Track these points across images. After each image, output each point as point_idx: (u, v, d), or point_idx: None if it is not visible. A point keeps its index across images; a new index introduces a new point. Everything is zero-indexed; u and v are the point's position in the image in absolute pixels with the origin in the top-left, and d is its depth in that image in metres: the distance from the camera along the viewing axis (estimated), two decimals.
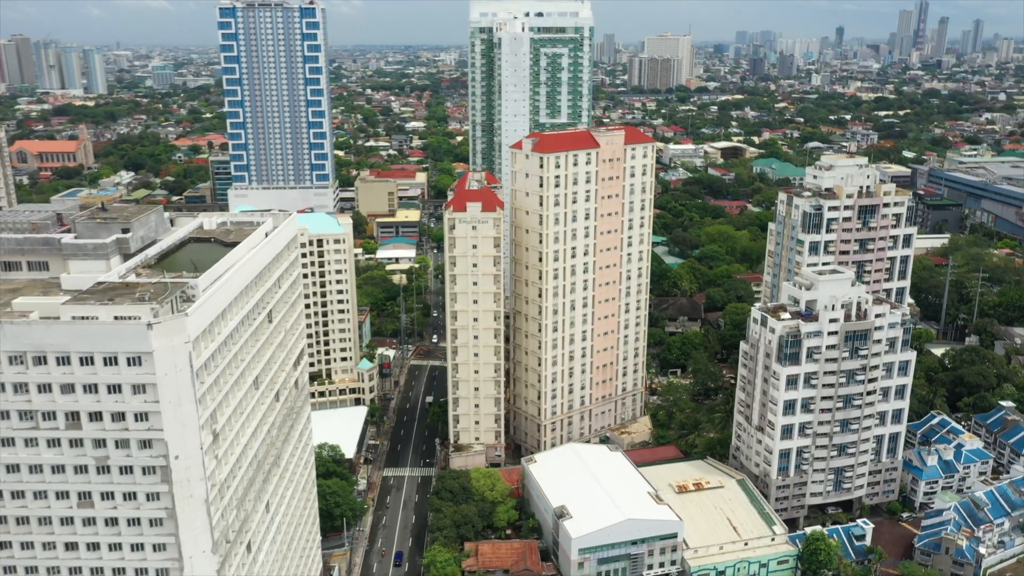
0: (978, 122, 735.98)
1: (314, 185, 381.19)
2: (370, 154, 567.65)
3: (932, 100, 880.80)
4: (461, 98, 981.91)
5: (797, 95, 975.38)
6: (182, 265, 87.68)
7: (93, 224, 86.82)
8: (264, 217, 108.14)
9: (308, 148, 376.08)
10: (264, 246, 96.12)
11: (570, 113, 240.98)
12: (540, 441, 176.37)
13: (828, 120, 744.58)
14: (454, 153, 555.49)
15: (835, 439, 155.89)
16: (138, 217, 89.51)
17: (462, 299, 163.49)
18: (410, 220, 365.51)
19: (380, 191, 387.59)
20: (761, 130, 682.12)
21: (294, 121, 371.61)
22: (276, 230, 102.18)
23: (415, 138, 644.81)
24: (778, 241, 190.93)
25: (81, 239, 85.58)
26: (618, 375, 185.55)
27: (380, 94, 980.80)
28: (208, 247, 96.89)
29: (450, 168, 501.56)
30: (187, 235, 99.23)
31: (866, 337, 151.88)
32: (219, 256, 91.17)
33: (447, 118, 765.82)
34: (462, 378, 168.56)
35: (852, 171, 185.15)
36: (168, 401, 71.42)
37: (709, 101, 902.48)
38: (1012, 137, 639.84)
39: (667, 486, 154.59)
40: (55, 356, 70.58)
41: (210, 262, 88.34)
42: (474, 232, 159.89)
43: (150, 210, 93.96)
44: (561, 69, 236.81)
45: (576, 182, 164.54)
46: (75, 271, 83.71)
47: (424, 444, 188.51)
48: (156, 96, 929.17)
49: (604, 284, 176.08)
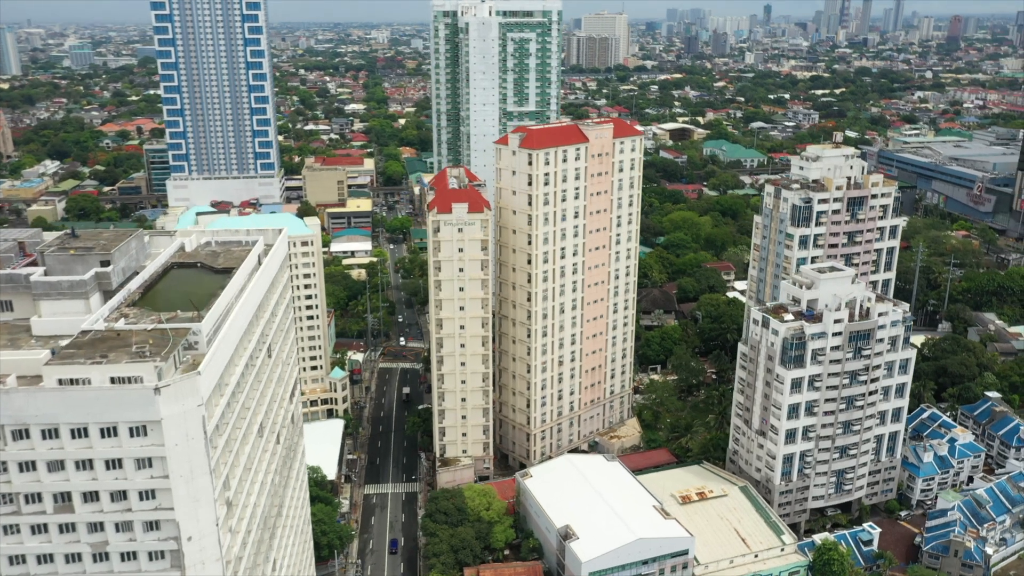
0: (911, 100, 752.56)
1: (259, 175, 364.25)
2: (311, 139, 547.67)
3: (864, 79, 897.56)
4: (398, 78, 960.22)
5: (734, 74, 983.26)
6: (173, 300, 75.97)
7: (66, 257, 74.22)
8: (253, 235, 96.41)
9: (251, 136, 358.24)
10: (261, 273, 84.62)
11: (538, 101, 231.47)
12: (529, 451, 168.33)
13: (768, 99, 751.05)
14: (399, 137, 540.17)
15: (837, 441, 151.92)
16: (118, 246, 77.17)
17: (448, 306, 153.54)
18: (362, 210, 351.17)
19: (329, 180, 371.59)
20: (704, 110, 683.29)
21: (236, 107, 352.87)
22: (271, 252, 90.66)
23: (356, 121, 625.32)
24: (764, 235, 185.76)
25: (54, 275, 73.03)
26: (606, 378, 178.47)
27: (314, 74, 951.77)
28: (196, 274, 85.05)
29: (396, 153, 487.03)
30: (169, 260, 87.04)
31: (869, 336, 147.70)
32: (211, 286, 79.73)
33: (387, 99, 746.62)
34: (448, 389, 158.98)
35: (839, 161, 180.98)
36: (179, 475, 60.38)
37: (649, 80, 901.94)
38: (946, 116, 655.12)
39: (669, 497, 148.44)
40: (40, 429, 58.75)
41: (204, 294, 76.93)
42: (460, 235, 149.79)
43: (129, 235, 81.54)
44: (529, 55, 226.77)
45: (565, 179, 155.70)
46: (48, 313, 71.29)
47: (404, 456, 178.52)
48: (76, 78, 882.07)
49: (593, 285, 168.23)
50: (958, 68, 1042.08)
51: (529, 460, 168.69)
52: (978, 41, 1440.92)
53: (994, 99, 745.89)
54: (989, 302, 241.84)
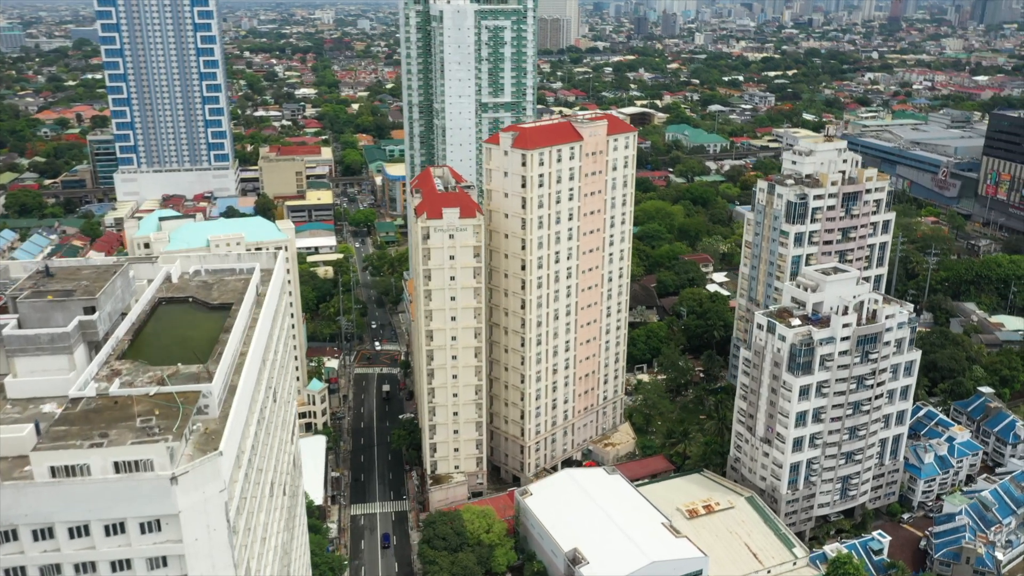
0: (862, 82, 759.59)
1: (212, 166, 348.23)
2: (262, 125, 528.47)
3: (814, 60, 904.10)
4: (347, 61, 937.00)
5: (686, 55, 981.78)
6: (168, 348, 66.25)
7: (43, 304, 63.75)
8: (248, 261, 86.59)
9: (204, 126, 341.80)
10: (265, 310, 75.06)
11: (514, 92, 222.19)
12: (523, 463, 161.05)
13: (722, 81, 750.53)
14: (354, 124, 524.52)
15: (843, 447, 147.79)
16: (103, 287, 66.85)
17: (438, 316, 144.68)
18: (324, 203, 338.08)
19: (287, 171, 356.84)
20: (661, 93, 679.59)
21: (186, 96, 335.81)
22: (272, 282, 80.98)
23: (308, 107, 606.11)
24: (757, 232, 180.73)
25: (30, 326, 62.61)
26: (599, 383, 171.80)
27: (260, 57, 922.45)
28: (189, 312, 75.18)
29: (353, 141, 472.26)
30: (156, 295, 76.84)
31: (876, 340, 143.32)
32: (210, 327, 70.22)
33: (338, 83, 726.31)
34: (439, 403, 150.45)
35: (831, 156, 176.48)
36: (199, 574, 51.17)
37: (603, 62, 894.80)
38: (898, 97, 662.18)
39: (675, 511, 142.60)
40: (31, 530, 48.94)
41: (203, 339, 67.49)
42: (451, 242, 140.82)
43: (114, 271, 71.13)
44: (504, 44, 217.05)
45: (560, 180, 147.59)
46: (26, 372, 61.03)
47: (390, 472, 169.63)
48: (6, 61, 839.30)
49: (587, 289, 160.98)
50: (902, 49, 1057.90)
51: (523, 473, 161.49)
52: (918, 22, 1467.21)
53: (942, 80, 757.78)
54: (967, 291, 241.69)
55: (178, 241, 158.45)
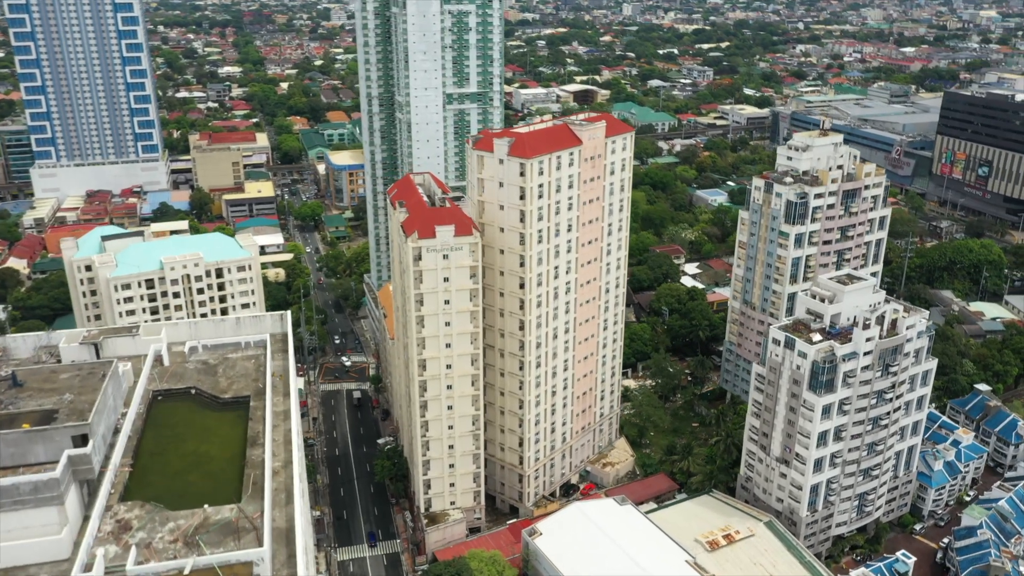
0: (795, 54, 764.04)
1: (141, 158, 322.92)
2: (186, 108, 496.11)
3: (744, 31, 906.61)
4: (270, 35, 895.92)
5: (617, 27, 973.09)
6: (183, 475, 51.71)
7: (19, 436, 48.21)
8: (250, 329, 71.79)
9: (129, 114, 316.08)
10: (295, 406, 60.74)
11: (480, 81, 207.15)
12: (522, 493, 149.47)
13: (658, 55, 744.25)
14: (286, 105, 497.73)
15: (862, 464, 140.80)
16: (95, 404, 51.48)
17: (432, 344, 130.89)
18: (265, 195, 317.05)
19: (222, 161, 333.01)
20: (599, 67, 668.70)
21: (108, 83, 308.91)
22: (290, 360, 66.48)
23: (234, 86, 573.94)
24: (752, 231, 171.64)
25: (3, 465, 47.19)
26: (596, 400, 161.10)
27: (176, 31, 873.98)
28: (194, 410, 60.47)
29: (288, 125, 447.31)
30: (149, 387, 61.64)
31: (896, 352, 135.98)
32: (227, 434, 56.13)
33: (263, 61, 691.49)
34: (434, 436, 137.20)
35: (828, 151, 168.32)
36: None
37: (535, 35, 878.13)
38: (831, 70, 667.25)
39: (694, 542, 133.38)
40: None
41: (223, 455, 53.19)
42: (446, 262, 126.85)
43: (100, 372, 55.68)
44: (468, 30, 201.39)
45: (559, 189, 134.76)
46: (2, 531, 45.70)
47: (375, 507, 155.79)
48: None
49: (585, 303, 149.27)
50: (826, 19, 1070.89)
51: (521, 503, 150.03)
52: None
53: (870, 52, 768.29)
54: (941, 277, 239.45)
55: (127, 264, 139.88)
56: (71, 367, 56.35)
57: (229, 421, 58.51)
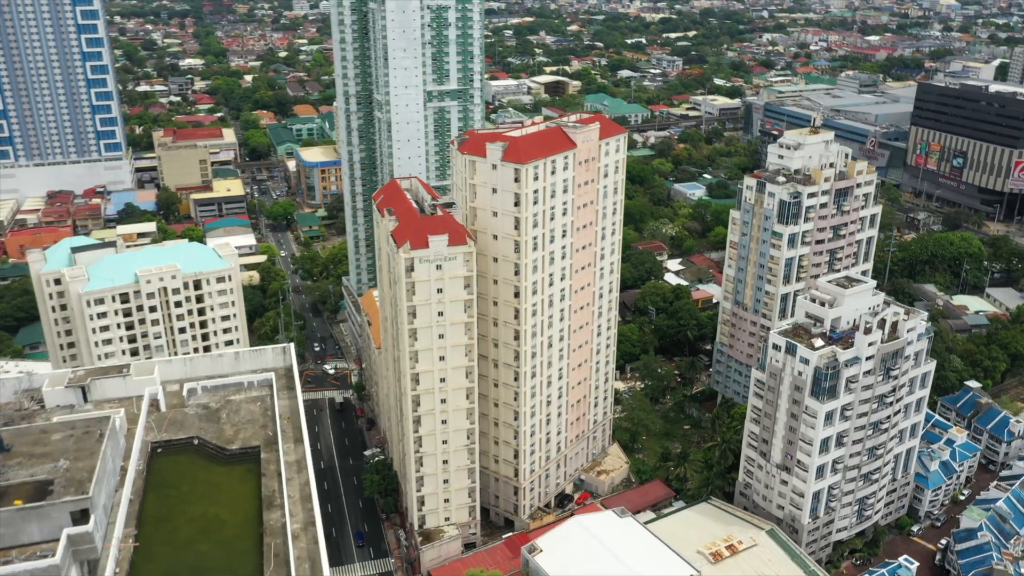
0: (762, 43, 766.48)
1: (103, 157, 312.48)
2: (148, 102, 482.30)
3: (711, 20, 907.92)
4: (232, 26, 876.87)
5: (584, 16, 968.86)
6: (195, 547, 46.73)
7: (11, 516, 42.79)
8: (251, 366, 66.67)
9: (90, 112, 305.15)
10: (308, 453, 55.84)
11: (460, 78, 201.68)
12: (517, 505, 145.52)
13: (626, 45, 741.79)
14: (251, 99, 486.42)
15: (863, 469, 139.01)
16: (94, 472, 46.16)
17: (425, 358, 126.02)
18: (234, 194, 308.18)
19: (188, 159, 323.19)
20: (568, 57, 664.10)
21: (68, 79, 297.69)
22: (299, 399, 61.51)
23: (197, 79, 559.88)
24: (744, 232, 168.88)
25: None
26: (590, 408, 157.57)
27: (133, 22, 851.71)
28: (199, 464, 55.32)
29: (255, 120, 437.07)
30: (147, 437, 56.39)
31: (897, 355, 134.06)
32: (238, 492, 50.98)
33: (225, 52, 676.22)
34: (427, 451, 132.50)
35: (819, 148, 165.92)
36: None
37: (502, 25, 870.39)
38: (799, 59, 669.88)
39: (697, 554, 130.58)
40: None
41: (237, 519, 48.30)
42: (439, 273, 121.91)
43: (97, 431, 50.29)
44: (448, 25, 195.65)
45: (554, 194, 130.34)
46: None
47: (365, 523, 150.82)
48: None
49: (579, 309, 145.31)
50: (790, 7, 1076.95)
51: (517, 516, 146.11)
52: None
53: (836, 40, 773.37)
54: (923, 271, 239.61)
55: (99, 278, 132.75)
56: (63, 425, 50.75)
57: (239, 477, 53.49)
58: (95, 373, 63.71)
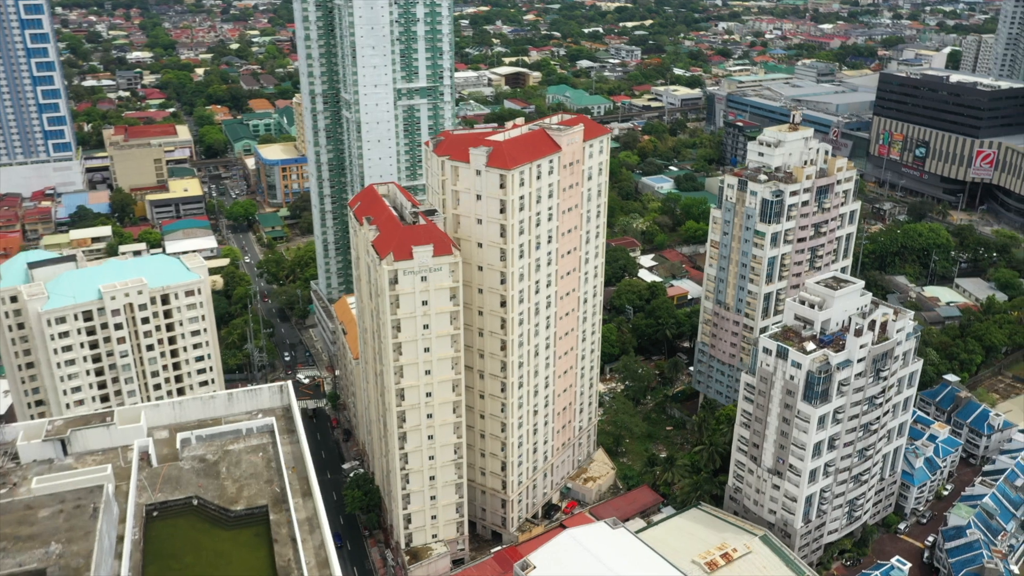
0: (718, 32, 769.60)
1: (52, 158, 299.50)
2: (95, 98, 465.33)
3: (667, 8, 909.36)
4: (179, 16, 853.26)
5: (540, 5, 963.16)
6: None
7: None
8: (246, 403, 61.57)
9: (37, 111, 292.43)
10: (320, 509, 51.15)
11: (430, 75, 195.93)
12: (504, 518, 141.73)
13: (584, 34, 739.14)
14: (204, 94, 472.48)
15: (853, 471, 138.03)
16: (91, 555, 40.80)
17: (410, 372, 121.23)
18: (192, 195, 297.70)
19: (142, 158, 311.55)
20: (526, 47, 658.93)
21: (12, 77, 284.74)
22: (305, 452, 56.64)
23: (146, 73, 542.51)
24: (726, 231, 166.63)
25: None
26: (575, 414, 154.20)
27: (76, 13, 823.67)
28: (200, 529, 50.25)
29: (209, 116, 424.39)
30: (141, 497, 51.14)
31: (887, 356, 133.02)
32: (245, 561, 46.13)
33: (174, 44, 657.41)
34: (413, 468, 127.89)
35: (799, 145, 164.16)
36: None
37: (458, 14, 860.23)
38: (755, 48, 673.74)
39: (692, 564, 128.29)
40: None
41: None
42: (424, 284, 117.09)
43: (89, 504, 45.03)
44: (416, 21, 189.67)
45: (539, 200, 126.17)
46: None
47: (347, 541, 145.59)
48: None
49: (564, 316, 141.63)
50: None
51: (505, 528, 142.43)
52: None
53: (790, 29, 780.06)
54: (893, 263, 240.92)
55: (59, 296, 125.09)
56: (49, 499, 45.25)
57: (247, 543, 48.55)
58: (75, 423, 57.97)
